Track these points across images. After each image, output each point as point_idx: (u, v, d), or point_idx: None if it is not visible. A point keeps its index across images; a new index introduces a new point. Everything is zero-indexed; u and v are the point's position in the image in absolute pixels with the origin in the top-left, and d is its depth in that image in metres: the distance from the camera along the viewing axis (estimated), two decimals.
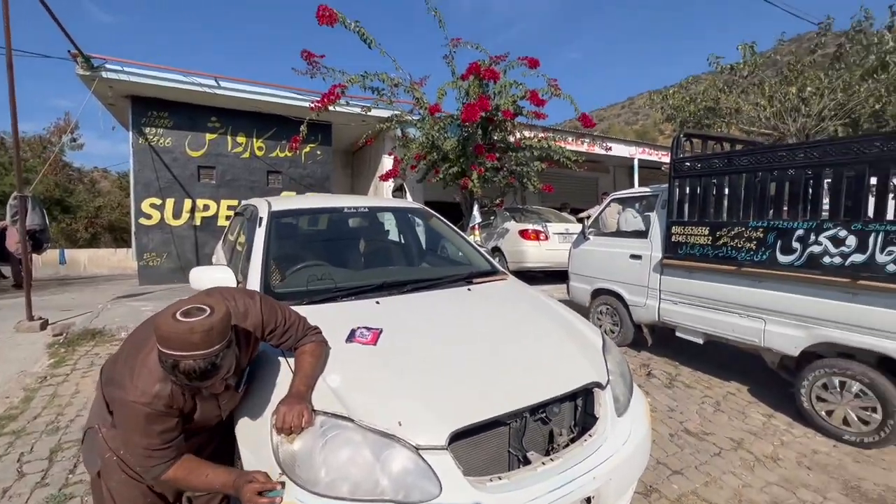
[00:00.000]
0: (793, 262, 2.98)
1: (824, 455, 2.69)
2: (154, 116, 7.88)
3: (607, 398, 1.70)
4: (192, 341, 1.09)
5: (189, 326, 1.10)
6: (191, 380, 1.12)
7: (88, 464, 1.46)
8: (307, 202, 3.09)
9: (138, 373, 1.23)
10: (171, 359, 1.11)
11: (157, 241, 8.03)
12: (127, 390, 1.21)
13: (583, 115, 5.78)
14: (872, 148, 2.64)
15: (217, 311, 1.17)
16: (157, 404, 1.21)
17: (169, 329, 1.10)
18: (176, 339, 1.09)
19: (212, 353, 1.12)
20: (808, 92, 8.73)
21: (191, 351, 1.09)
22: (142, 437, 1.22)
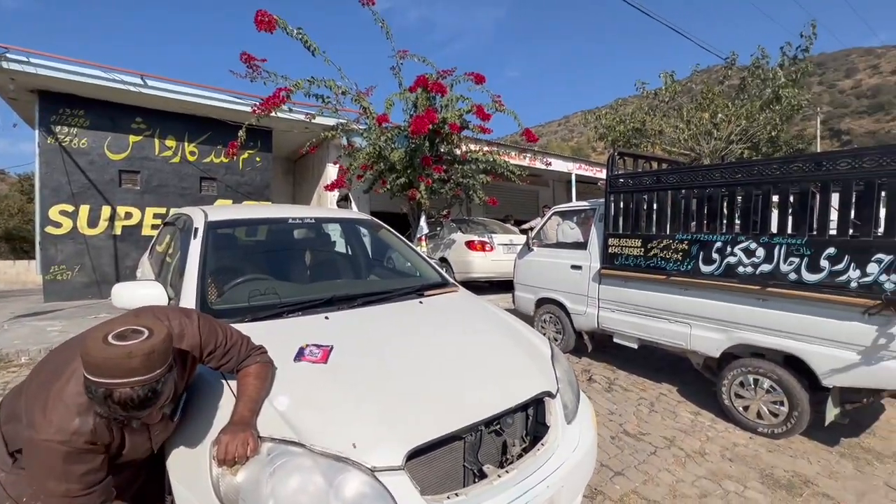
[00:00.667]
0: (713, 271, 3.28)
1: (743, 447, 2.95)
2: (67, 114, 7.12)
3: (557, 407, 1.76)
4: (130, 367, 0.98)
5: (126, 350, 0.99)
6: (127, 410, 1.00)
7: None
8: (247, 212, 2.92)
9: (52, 406, 1.08)
10: (102, 388, 0.98)
11: (69, 252, 7.20)
12: (38, 428, 1.06)
13: (526, 131, 6.03)
14: (773, 170, 3.00)
15: (156, 332, 1.07)
16: (77, 442, 1.07)
17: (101, 354, 0.98)
18: (110, 365, 0.97)
19: (152, 379, 1.01)
20: (719, 118, 9.76)
21: (128, 378, 0.98)
22: (59, 482, 1.07)
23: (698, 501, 2.38)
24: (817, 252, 2.76)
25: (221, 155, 8.44)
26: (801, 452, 2.89)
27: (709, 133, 10.06)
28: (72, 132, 7.19)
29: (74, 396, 1.09)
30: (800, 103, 9.69)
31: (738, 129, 10.42)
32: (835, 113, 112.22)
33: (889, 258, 2.48)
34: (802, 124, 24.48)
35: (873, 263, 2.54)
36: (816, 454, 2.87)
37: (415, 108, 5.87)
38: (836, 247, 2.68)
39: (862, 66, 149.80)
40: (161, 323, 1.14)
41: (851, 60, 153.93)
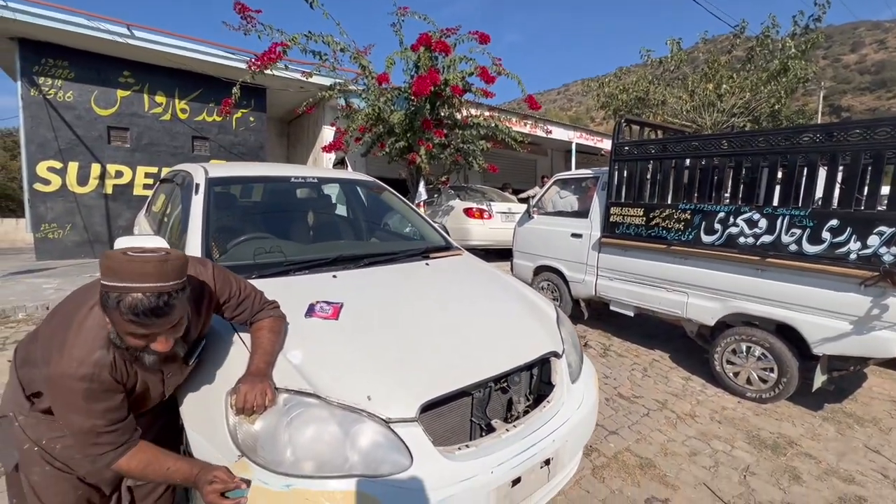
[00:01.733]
0: (714, 241, 3.30)
1: (731, 410, 3.07)
2: (50, 65, 6.79)
3: (563, 367, 1.80)
4: (143, 271, 0.97)
5: (142, 259, 0.99)
6: (136, 315, 0.96)
7: (2, 457, 1.28)
8: (248, 170, 2.85)
9: (71, 342, 1.06)
10: (115, 292, 0.97)
11: (59, 210, 7.05)
12: (60, 363, 1.04)
13: (529, 97, 5.88)
14: (783, 140, 2.97)
15: (173, 252, 1.06)
16: (100, 375, 1.05)
17: (118, 259, 0.98)
18: (125, 269, 0.96)
19: (165, 289, 0.99)
20: (723, 89, 9.58)
21: (141, 282, 0.96)
22: (84, 417, 1.06)
23: (688, 459, 2.49)
24: (820, 224, 2.77)
25: (214, 113, 8.17)
26: (787, 416, 3.01)
27: (712, 105, 9.91)
28: (56, 84, 6.88)
29: (94, 329, 1.08)
30: (806, 76, 9.52)
31: (742, 102, 10.27)
32: (836, 88, 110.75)
33: (891, 231, 2.51)
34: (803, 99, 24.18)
35: (874, 236, 2.57)
36: (801, 418, 3.00)
37: (416, 69, 5.67)
38: (839, 219, 2.70)
39: (868, 41, 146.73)
40: (176, 251, 1.12)
41: (858, 34, 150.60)
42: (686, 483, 2.28)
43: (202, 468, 1.18)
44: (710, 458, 2.50)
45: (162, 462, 1.16)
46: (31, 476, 1.23)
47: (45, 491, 1.23)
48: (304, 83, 7.81)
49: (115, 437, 1.11)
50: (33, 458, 1.22)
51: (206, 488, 1.13)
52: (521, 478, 1.43)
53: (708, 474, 2.36)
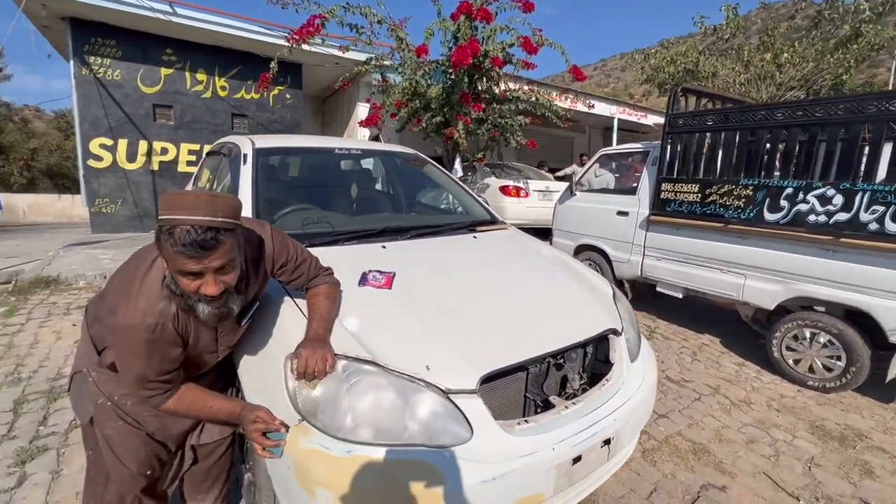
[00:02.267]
0: (779, 219, 3.06)
1: (791, 399, 2.90)
2: (99, 44, 7.01)
3: (622, 344, 1.71)
4: (195, 204, 0.97)
5: (195, 193, 1.00)
6: (184, 245, 0.96)
7: (79, 411, 1.32)
8: (294, 141, 2.84)
9: (137, 293, 1.08)
10: (167, 224, 0.97)
11: (111, 185, 7.38)
12: (126, 313, 1.06)
13: (574, 67, 5.59)
14: (869, 107, 2.68)
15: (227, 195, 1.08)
16: (163, 325, 1.08)
17: (173, 195, 0.99)
18: (178, 202, 0.97)
19: (214, 223, 0.98)
20: (784, 58, 8.83)
21: (191, 214, 0.96)
22: (141, 364, 1.09)
23: (745, 447, 2.36)
24: None
25: (252, 91, 8.28)
26: (853, 407, 2.81)
27: (770, 76, 9.17)
28: (105, 63, 7.11)
29: (156, 282, 1.09)
30: (881, 42, 8.63)
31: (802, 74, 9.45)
32: None
33: None
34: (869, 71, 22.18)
35: None
36: (870, 409, 2.79)
37: (455, 39, 5.48)
38: None
39: None
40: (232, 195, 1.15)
41: None
42: (744, 471, 2.16)
43: (244, 406, 1.22)
44: (770, 447, 2.36)
45: (206, 401, 1.22)
46: (105, 430, 1.27)
47: (117, 444, 1.27)
48: (340, 59, 7.75)
49: (165, 385, 1.16)
50: (107, 412, 1.26)
51: (249, 426, 1.17)
52: (582, 456, 1.37)
53: (768, 463, 2.23)
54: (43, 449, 2.05)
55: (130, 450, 1.28)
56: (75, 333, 3.31)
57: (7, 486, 1.82)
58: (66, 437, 2.15)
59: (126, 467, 1.28)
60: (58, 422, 2.27)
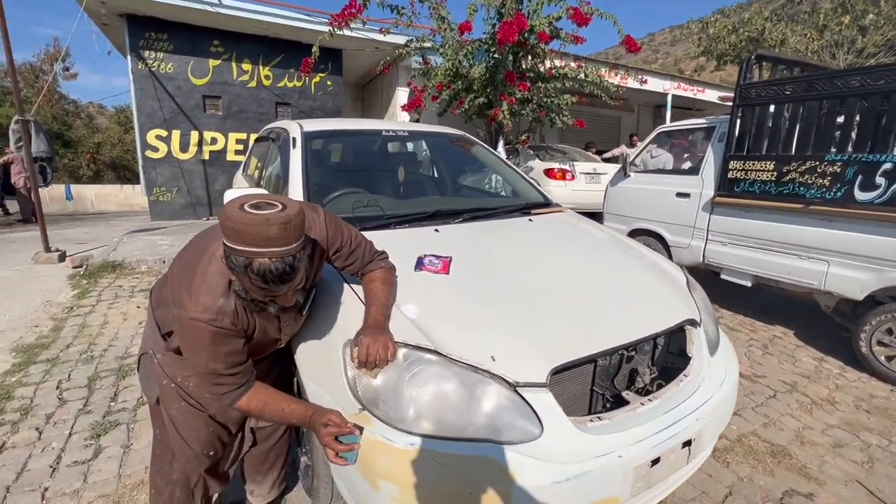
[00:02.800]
0: (873, 199, 2.72)
1: (883, 399, 2.60)
2: (152, 39, 7.29)
3: (701, 337, 1.55)
4: (268, 235, 0.91)
5: (264, 218, 0.91)
6: (266, 282, 0.94)
7: (147, 391, 1.35)
8: (341, 124, 2.79)
9: (197, 287, 1.06)
10: (241, 256, 0.92)
11: (167, 175, 7.75)
12: (187, 307, 1.04)
13: (627, 38, 5.20)
14: None
15: (290, 206, 0.98)
16: (223, 321, 1.05)
17: (239, 220, 0.90)
18: (249, 232, 0.90)
19: (289, 252, 0.94)
20: (868, 20, 7.90)
21: (267, 247, 0.91)
22: (208, 359, 1.07)
23: (832, 450, 2.13)
24: None
25: (294, 79, 8.38)
26: None
27: (851, 41, 8.25)
28: (158, 57, 7.39)
29: (217, 276, 1.06)
30: None
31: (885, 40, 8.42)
32: None
33: None
34: None
35: None
36: None
37: (500, 16, 5.25)
38: None
39: None
40: (293, 201, 1.05)
41: None
42: (833, 478, 1.95)
43: (316, 410, 1.16)
44: (862, 452, 2.12)
45: (279, 403, 1.17)
46: (170, 410, 1.28)
47: (182, 425, 1.28)
48: (379, 43, 7.69)
49: (236, 378, 1.12)
50: (171, 393, 1.27)
51: (321, 430, 1.10)
52: (661, 458, 1.24)
53: (861, 470, 2.00)
54: (115, 424, 2.16)
55: (194, 430, 1.29)
56: (139, 315, 3.48)
57: (84, 457, 1.92)
58: (135, 414, 2.25)
59: (190, 447, 1.29)
60: (127, 398, 2.39)
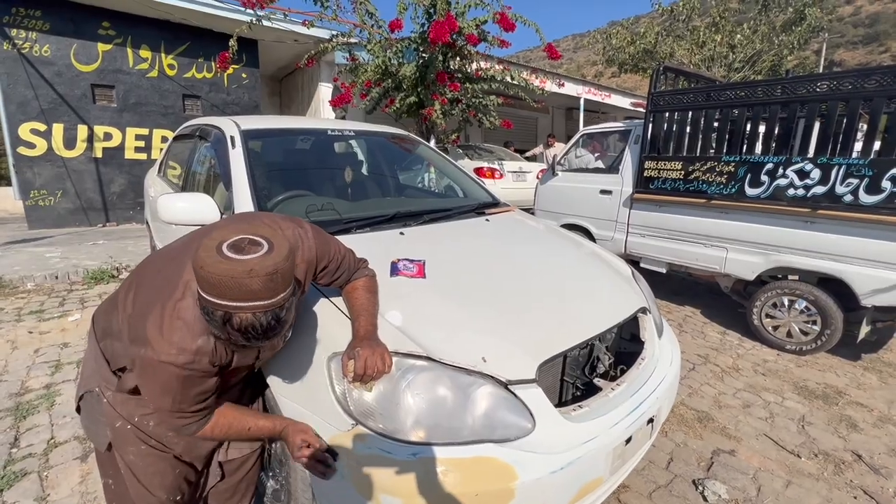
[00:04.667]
0: (759, 194, 3.20)
1: (773, 363, 3.09)
2: (22, 15, 6.19)
3: (650, 323, 1.72)
4: (251, 288, 0.80)
5: (247, 267, 0.80)
6: (248, 339, 0.84)
7: (94, 436, 1.16)
8: (281, 122, 2.62)
9: (169, 325, 0.93)
10: (220, 310, 0.81)
11: (48, 175, 6.65)
12: (156, 348, 0.91)
13: (549, 46, 5.54)
14: (845, 85, 2.82)
15: (277, 247, 0.86)
16: (201, 363, 0.94)
17: (216, 269, 0.79)
18: (228, 284, 0.79)
19: (276, 304, 0.84)
20: (737, 39, 9.24)
21: (250, 301, 0.80)
22: (174, 400, 0.97)
23: (743, 411, 2.49)
24: (880, 173, 2.68)
25: (204, 69, 7.66)
26: (828, 367, 3.04)
27: (724, 56, 9.58)
28: (31, 37, 6.30)
29: (193, 313, 0.93)
30: (821, 24, 9.21)
31: (750, 54, 9.95)
32: (830, 42, 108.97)
33: None
34: (797, 53, 23.80)
35: None
36: (842, 368, 3.03)
37: (429, 15, 5.27)
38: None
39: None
40: (279, 234, 0.94)
41: None
42: (747, 434, 2.28)
43: (286, 426, 1.12)
44: (765, 410, 2.51)
45: (244, 421, 1.11)
46: (126, 455, 1.12)
47: (142, 471, 1.12)
48: (300, 35, 7.30)
49: (201, 413, 1.04)
50: (127, 436, 1.11)
51: (297, 452, 1.07)
52: (632, 437, 1.37)
53: (766, 425, 2.37)
54: (22, 473, 1.83)
55: (157, 475, 1.14)
56: (33, 342, 2.97)
57: None
58: (47, 458, 1.93)
59: (154, 495, 1.14)
60: (32, 441, 2.03)
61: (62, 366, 2.69)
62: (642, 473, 1.97)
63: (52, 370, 2.64)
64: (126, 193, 7.33)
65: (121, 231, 6.71)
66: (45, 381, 2.51)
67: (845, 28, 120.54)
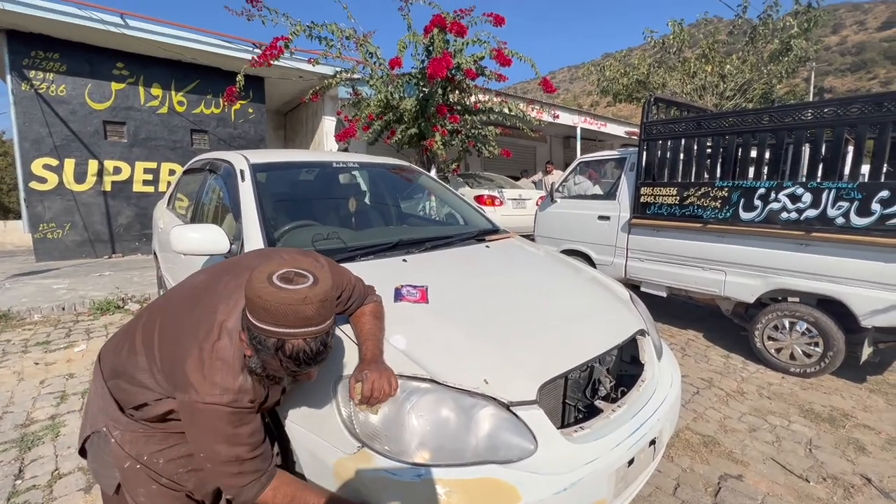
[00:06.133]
0: (753, 218, 3.27)
1: (778, 386, 3.07)
2: (40, 58, 6.50)
3: (650, 345, 1.75)
4: (305, 315, 0.86)
5: (301, 297, 0.87)
6: (299, 364, 0.89)
7: (102, 478, 1.15)
8: (289, 156, 2.73)
9: (210, 366, 0.96)
10: (274, 337, 0.87)
11: (57, 209, 6.81)
12: (200, 390, 0.95)
13: (544, 80, 5.78)
14: (829, 112, 2.94)
15: (321, 278, 0.93)
16: (243, 401, 0.98)
17: (273, 297, 0.85)
18: (285, 311, 0.85)
19: (325, 330, 0.91)
20: (727, 69, 9.56)
21: (304, 327, 0.87)
22: (230, 446, 0.98)
23: (749, 435, 2.47)
24: (869, 196, 2.75)
25: (212, 105, 7.95)
26: (833, 389, 3.02)
27: (715, 86, 9.89)
28: (48, 78, 6.59)
29: (231, 352, 0.98)
30: (807, 55, 9.54)
31: (741, 83, 10.27)
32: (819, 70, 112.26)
33: None
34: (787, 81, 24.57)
35: None
36: (847, 391, 3.01)
37: (428, 53, 5.53)
38: (890, 190, 2.68)
39: (849, 22, 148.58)
40: (318, 266, 1.00)
41: (839, 15, 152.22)
42: (754, 459, 2.26)
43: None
44: (771, 434, 2.49)
45: (307, 497, 1.07)
46: (137, 497, 1.12)
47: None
48: (305, 72, 7.61)
49: (258, 462, 1.03)
50: (138, 476, 1.12)
51: None
52: (634, 458, 1.38)
53: (773, 449, 2.35)
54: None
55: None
56: (39, 373, 2.99)
57: None
58: (51, 490, 1.93)
59: None
60: (37, 473, 2.03)
61: (67, 396, 2.71)
62: (649, 500, 1.95)
63: (57, 401, 2.65)
64: (133, 225, 7.47)
65: (126, 262, 6.80)
66: (50, 412, 2.53)
67: (833, 57, 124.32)
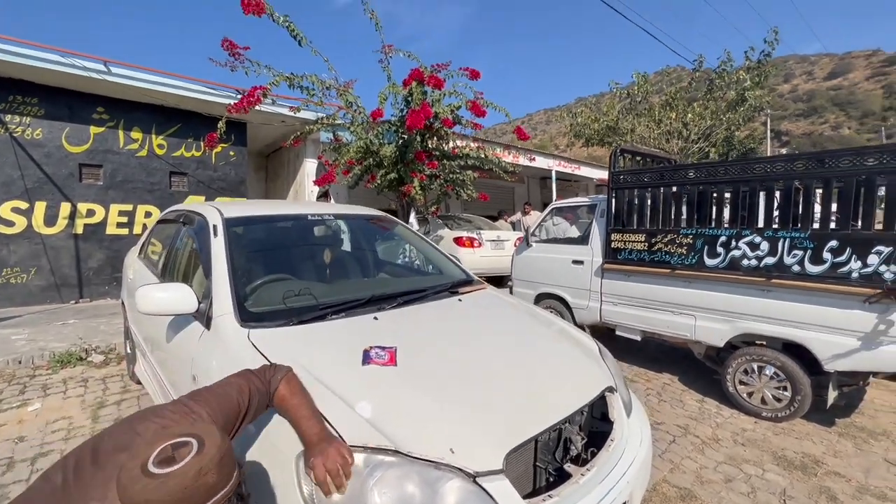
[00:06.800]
0: (717, 264, 3.41)
1: (751, 431, 3.10)
2: (17, 102, 6.48)
3: (618, 402, 1.77)
4: (208, 484, 0.78)
5: (195, 469, 0.77)
6: None
7: None
8: (262, 208, 2.75)
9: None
10: None
11: (23, 253, 6.58)
12: None
13: (518, 128, 6.06)
14: (778, 167, 3.15)
15: (205, 434, 0.84)
16: None
17: (163, 492, 0.74)
18: (184, 498, 0.75)
19: (234, 486, 0.84)
20: (689, 117, 10.20)
21: (212, 497, 0.79)
22: None
23: (725, 486, 2.47)
24: (820, 245, 2.92)
25: (193, 148, 7.98)
26: (805, 434, 3.06)
27: (679, 132, 10.50)
28: (24, 122, 6.55)
29: None
30: (761, 105, 10.28)
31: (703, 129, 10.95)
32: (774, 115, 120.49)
33: (888, 250, 2.66)
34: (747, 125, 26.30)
35: (873, 255, 2.72)
36: (818, 435, 3.05)
37: (407, 103, 5.75)
38: (838, 240, 2.85)
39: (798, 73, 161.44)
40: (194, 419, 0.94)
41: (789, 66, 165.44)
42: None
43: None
44: (746, 484, 2.49)
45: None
46: None
47: None
48: (287, 117, 7.78)
49: None
50: None
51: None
52: None
53: (748, 501, 2.34)
54: None
55: None
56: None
57: None
58: None
59: None
60: None
61: (14, 464, 2.53)
62: None
63: (2, 469, 2.47)
64: (104, 269, 7.25)
65: (94, 308, 6.55)
66: None
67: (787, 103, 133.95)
